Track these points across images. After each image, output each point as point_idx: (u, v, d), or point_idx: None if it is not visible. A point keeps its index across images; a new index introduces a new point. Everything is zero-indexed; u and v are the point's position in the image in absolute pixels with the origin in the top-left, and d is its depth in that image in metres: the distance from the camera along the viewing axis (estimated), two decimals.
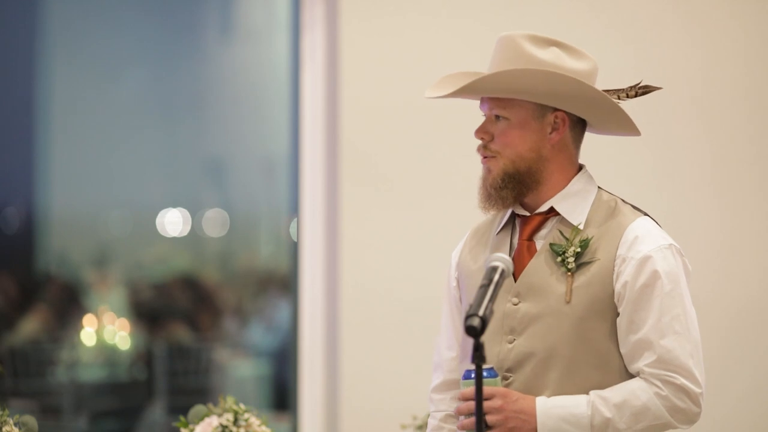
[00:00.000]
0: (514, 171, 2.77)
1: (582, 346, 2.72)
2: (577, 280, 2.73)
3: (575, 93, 2.75)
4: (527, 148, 2.77)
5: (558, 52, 2.77)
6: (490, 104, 2.80)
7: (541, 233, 2.80)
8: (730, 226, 5.03)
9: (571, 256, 2.74)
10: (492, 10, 5.05)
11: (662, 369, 2.70)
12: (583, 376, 2.73)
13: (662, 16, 5.07)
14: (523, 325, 2.76)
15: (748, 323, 5.00)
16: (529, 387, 2.74)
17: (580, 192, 2.81)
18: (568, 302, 2.72)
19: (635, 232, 2.75)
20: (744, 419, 4.98)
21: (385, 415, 4.50)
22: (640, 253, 2.72)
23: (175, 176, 10.23)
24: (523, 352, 2.75)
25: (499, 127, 2.78)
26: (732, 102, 5.06)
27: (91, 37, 9.86)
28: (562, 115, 2.79)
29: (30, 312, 9.05)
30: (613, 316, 2.73)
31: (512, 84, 2.73)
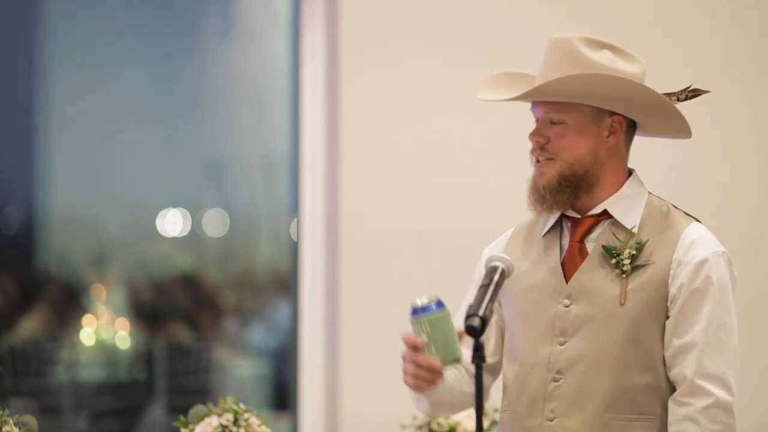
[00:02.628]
0: (570, 174, 2.77)
1: (634, 348, 2.73)
2: (631, 282, 2.73)
3: (636, 97, 2.75)
4: (585, 152, 2.77)
5: (611, 55, 2.79)
6: (546, 108, 2.79)
7: (592, 236, 2.81)
8: (729, 225, 5.03)
9: (627, 258, 2.74)
10: (492, 11, 5.05)
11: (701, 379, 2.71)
12: (633, 378, 2.73)
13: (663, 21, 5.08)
14: (575, 327, 2.75)
15: (748, 323, 5.00)
16: (579, 389, 2.74)
17: (632, 196, 2.82)
18: (623, 304, 2.73)
19: (692, 236, 2.77)
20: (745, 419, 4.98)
21: (385, 415, 4.50)
22: (697, 258, 2.73)
23: (175, 176, 10.23)
24: (575, 354, 2.75)
25: (556, 131, 2.78)
26: (731, 101, 5.06)
27: (91, 37, 9.86)
28: (619, 119, 2.80)
29: (30, 312, 9.06)
30: (664, 320, 2.74)
31: (577, 88, 2.73)
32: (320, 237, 5.09)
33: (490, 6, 5.05)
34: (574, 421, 2.74)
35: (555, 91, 2.75)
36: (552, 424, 2.75)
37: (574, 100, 2.76)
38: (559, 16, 5.02)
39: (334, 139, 5.04)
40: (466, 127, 5.02)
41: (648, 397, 2.74)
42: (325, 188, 5.07)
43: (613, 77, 2.73)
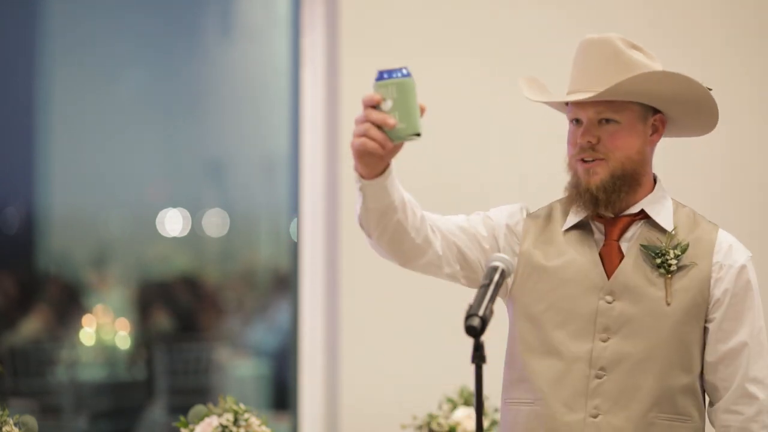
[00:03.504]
0: (622, 173, 2.78)
1: (677, 348, 2.75)
2: (675, 283, 2.76)
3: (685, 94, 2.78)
4: (635, 151, 2.79)
5: (642, 56, 2.81)
6: (598, 108, 2.78)
7: (627, 235, 2.82)
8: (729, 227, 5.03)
9: (673, 258, 2.76)
10: (492, 11, 5.04)
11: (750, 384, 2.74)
12: (676, 378, 2.75)
13: (663, 22, 5.08)
14: (619, 324, 2.76)
15: None
16: (622, 387, 2.74)
17: (662, 198, 2.86)
18: (669, 304, 2.75)
19: (727, 240, 2.83)
20: None
21: (385, 415, 4.50)
22: (738, 262, 2.79)
23: (175, 176, 10.22)
24: (620, 352, 2.75)
25: (608, 130, 2.78)
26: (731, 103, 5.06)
27: (91, 37, 9.85)
28: (661, 117, 2.83)
29: (30, 312, 9.05)
30: (703, 321, 2.77)
31: (639, 87, 2.74)
32: (320, 237, 5.09)
33: (491, 6, 5.05)
34: (620, 418, 2.74)
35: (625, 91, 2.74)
36: (596, 420, 2.75)
37: (633, 98, 2.77)
38: (560, 15, 5.02)
39: (334, 139, 5.04)
40: (466, 127, 5.01)
41: (686, 398, 2.77)
42: (325, 188, 5.07)
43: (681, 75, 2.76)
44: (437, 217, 2.83)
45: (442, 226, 2.81)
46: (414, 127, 2.48)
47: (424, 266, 2.81)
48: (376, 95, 2.49)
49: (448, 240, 2.81)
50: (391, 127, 2.48)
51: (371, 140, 2.50)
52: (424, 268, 2.82)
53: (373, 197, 2.61)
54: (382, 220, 2.65)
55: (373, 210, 2.63)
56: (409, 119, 2.48)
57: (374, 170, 2.57)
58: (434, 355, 4.86)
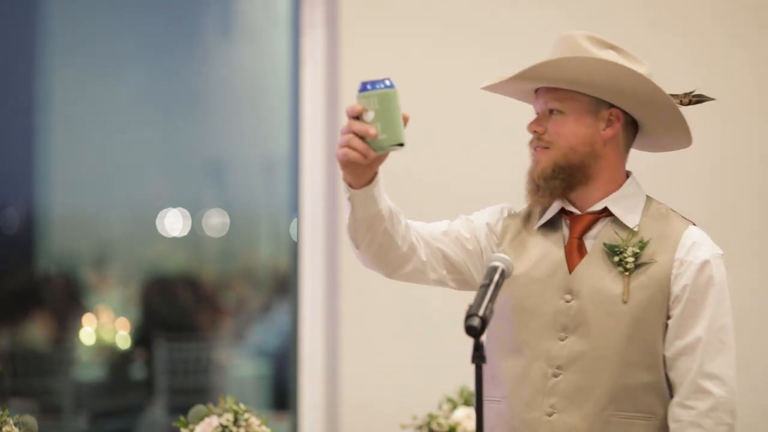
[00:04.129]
0: (565, 163, 2.79)
1: (635, 346, 2.74)
2: (634, 280, 2.76)
3: (634, 89, 2.77)
4: (580, 142, 2.79)
5: (615, 55, 2.80)
6: (545, 98, 2.81)
7: (591, 233, 2.82)
8: (729, 226, 5.03)
9: (630, 256, 2.76)
10: (493, 11, 5.05)
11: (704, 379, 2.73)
12: (634, 376, 2.75)
13: (664, 22, 5.08)
14: (576, 323, 2.77)
15: (748, 325, 5.00)
16: (580, 385, 2.75)
17: (632, 196, 2.85)
18: (626, 302, 2.75)
19: (692, 237, 2.80)
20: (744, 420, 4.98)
21: (385, 415, 4.50)
22: (699, 258, 2.77)
23: (175, 176, 10.22)
24: (577, 350, 2.76)
25: (554, 120, 2.80)
26: (731, 104, 5.06)
27: (91, 37, 9.85)
28: (617, 112, 2.81)
29: (30, 312, 9.05)
30: (665, 319, 2.76)
31: (573, 73, 2.75)
32: (320, 237, 5.09)
33: (491, 6, 5.04)
34: (574, 417, 2.75)
35: (550, 75, 2.77)
36: (551, 419, 2.76)
37: (570, 86, 2.77)
38: (560, 15, 5.02)
39: (334, 139, 5.04)
40: (466, 126, 5.01)
41: (648, 395, 2.76)
42: (325, 188, 5.07)
43: (611, 64, 2.75)
44: (420, 224, 2.86)
45: (424, 233, 2.84)
46: (396, 137, 2.51)
47: (410, 274, 2.83)
48: (358, 106, 2.52)
49: (432, 246, 2.84)
50: (372, 137, 2.51)
51: (353, 150, 2.52)
52: (410, 276, 2.84)
53: (361, 206, 2.64)
54: (371, 229, 2.69)
55: (361, 219, 2.67)
56: (392, 130, 2.51)
57: (362, 179, 2.60)
58: (434, 355, 4.86)
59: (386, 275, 2.85)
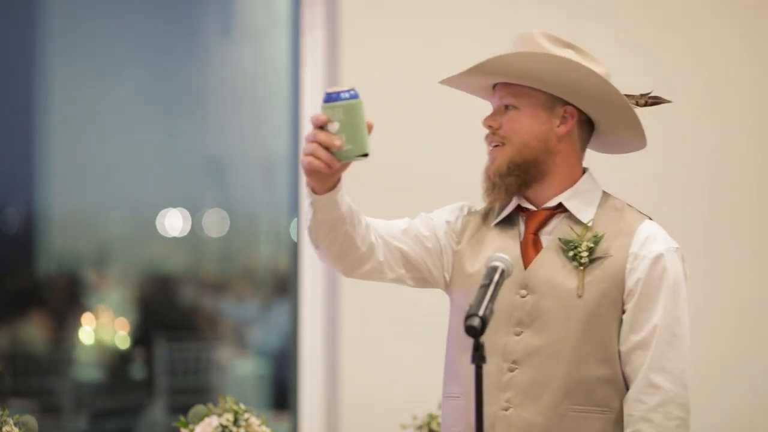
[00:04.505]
0: (520, 160, 2.80)
1: (590, 340, 2.75)
2: (588, 275, 2.76)
3: (588, 86, 2.78)
4: (534, 137, 2.81)
5: (573, 54, 2.81)
6: (500, 93, 2.83)
7: (547, 228, 2.84)
8: (729, 225, 5.03)
9: (585, 251, 2.77)
10: (492, 11, 5.05)
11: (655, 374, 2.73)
12: (590, 370, 2.75)
13: (659, 19, 5.08)
14: (532, 318, 2.78)
15: (747, 326, 5.00)
16: (535, 380, 2.76)
17: (587, 192, 2.86)
18: (580, 297, 2.75)
19: (646, 232, 2.80)
20: (744, 420, 4.98)
21: (385, 415, 4.50)
22: (653, 252, 2.77)
23: (175, 176, 10.23)
24: (532, 345, 2.77)
25: (508, 115, 2.82)
26: (730, 106, 5.06)
27: (91, 37, 9.85)
28: (571, 110, 2.82)
29: (30, 312, 9.05)
30: (620, 313, 2.77)
31: (526, 68, 2.76)
32: None
33: (491, 7, 5.05)
34: (530, 411, 2.76)
35: (503, 69, 2.79)
36: (507, 413, 2.77)
37: (524, 81, 2.79)
38: (560, 15, 5.02)
39: None
40: (466, 126, 5.01)
41: (604, 389, 2.76)
42: None
43: (565, 60, 2.76)
44: (380, 223, 2.88)
45: (384, 232, 2.85)
46: (360, 148, 2.53)
47: (368, 273, 2.85)
48: (322, 116, 2.55)
49: (390, 245, 2.85)
50: (337, 148, 2.53)
51: (318, 160, 2.55)
52: (367, 275, 2.85)
53: (323, 210, 2.66)
54: (332, 231, 2.71)
55: (322, 222, 2.69)
56: (356, 141, 2.53)
57: (325, 185, 2.62)
58: (434, 355, 4.85)
59: (344, 274, 2.86)
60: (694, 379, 4.99)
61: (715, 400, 4.91)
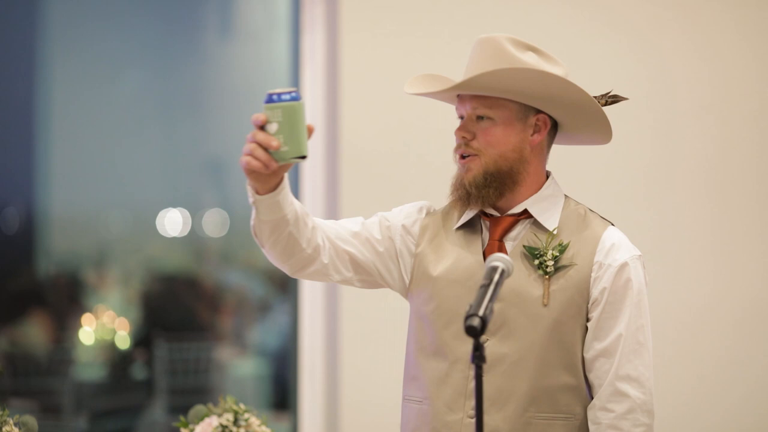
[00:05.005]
0: (495, 170, 2.80)
1: (555, 348, 2.76)
2: (553, 283, 2.77)
3: (564, 95, 2.78)
4: (510, 149, 2.81)
5: (535, 57, 2.82)
6: (473, 104, 2.82)
7: (511, 234, 2.84)
8: (729, 225, 5.03)
9: (550, 259, 2.77)
10: (491, 11, 5.04)
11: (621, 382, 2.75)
12: (554, 377, 2.76)
13: (662, 20, 5.08)
14: (497, 326, 2.78)
15: (748, 326, 5.00)
16: (500, 388, 2.76)
17: (550, 197, 2.86)
18: (546, 305, 2.76)
19: (611, 240, 2.81)
20: (744, 421, 4.98)
21: (385, 416, 4.50)
22: (618, 261, 2.78)
23: (175, 176, 10.22)
24: (497, 353, 2.77)
25: (482, 127, 2.82)
26: (731, 103, 5.06)
27: (91, 37, 9.85)
28: (544, 118, 2.83)
29: (30, 312, 9.05)
30: (585, 321, 2.78)
31: (507, 83, 2.75)
32: None
33: (492, 6, 5.05)
34: (495, 419, 2.76)
35: (485, 85, 2.77)
36: (473, 421, 2.77)
37: (504, 95, 2.78)
38: (562, 14, 5.02)
39: (334, 139, 5.04)
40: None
41: (568, 396, 2.78)
42: (325, 188, 5.07)
43: (545, 73, 2.75)
44: (329, 225, 2.87)
45: (332, 234, 2.85)
46: (298, 150, 2.55)
47: (312, 274, 2.85)
48: (261, 116, 2.55)
49: (338, 248, 2.85)
50: (274, 149, 2.54)
51: (255, 160, 2.56)
52: (312, 276, 2.85)
53: (265, 211, 2.66)
54: (275, 232, 2.70)
55: (266, 222, 2.69)
56: (293, 142, 2.54)
57: (266, 186, 2.62)
58: None
59: (290, 274, 2.85)
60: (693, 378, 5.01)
61: (714, 403, 4.91)
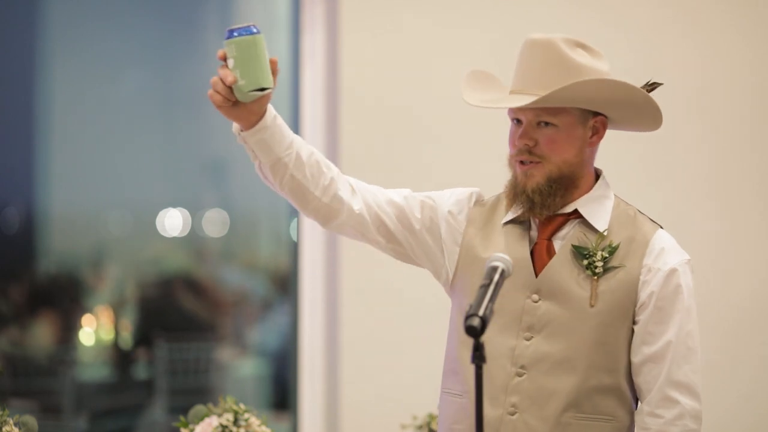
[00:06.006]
0: (558, 176, 2.78)
1: (599, 350, 2.75)
2: (602, 284, 2.76)
3: (626, 98, 2.77)
4: (573, 154, 2.79)
5: (585, 54, 2.80)
6: (535, 111, 2.78)
7: (560, 234, 2.82)
8: (729, 225, 5.03)
9: (600, 260, 2.76)
10: (491, 10, 5.05)
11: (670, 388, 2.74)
12: (597, 380, 2.75)
13: (661, 17, 5.08)
14: (543, 324, 2.77)
15: (747, 323, 5.00)
16: (540, 386, 2.75)
17: (601, 197, 2.84)
18: (593, 306, 2.75)
19: (661, 243, 2.80)
20: (744, 419, 4.98)
21: (385, 415, 4.50)
22: (667, 265, 2.77)
23: (175, 176, 10.22)
24: (541, 351, 2.76)
25: (545, 133, 2.78)
26: (731, 101, 5.06)
27: (91, 37, 9.85)
28: (602, 120, 2.82)
29: (30, 312, 9.05)
30: (631, 324, 2.77)
31: (576, 94, 2.74)
32: (320, 237, 5.09)
33: (493, 5, 5.05)
34: (535, 417, 2.75)
35: (563, 98, 2.74)
36: (513, 418, 2.76)
37: (572, 104, 2.77)
38: (563, 13, 5.02)
39: (334, 138, 5.04)
40: (466, 126, 5.02)
41: (610, 399, 2.77)
42: None
43: (616, 82, 2.74)
44: (369, 187, 2.89)
45: (368, 196, 2.87)
46: (255, 82, 2.62)
47: (343, 229, 2.87)
48: (220, 52, 2.64)
49: (371, 210, 2.87)
50: (230, 83, 2.62)
51: (216, 94, 2.65)
52: (345, 231, 2.88)
53: (257, 150, 2.75)
54: (276, 174, 2.77)
55: (264, 164, 2.77)
56: (250, 76, 2.62)
57: (246, 122, 2.70)
58: (434, 355, 4.86)
59: (322, 227, 2.89)
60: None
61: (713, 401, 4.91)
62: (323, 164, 2.79)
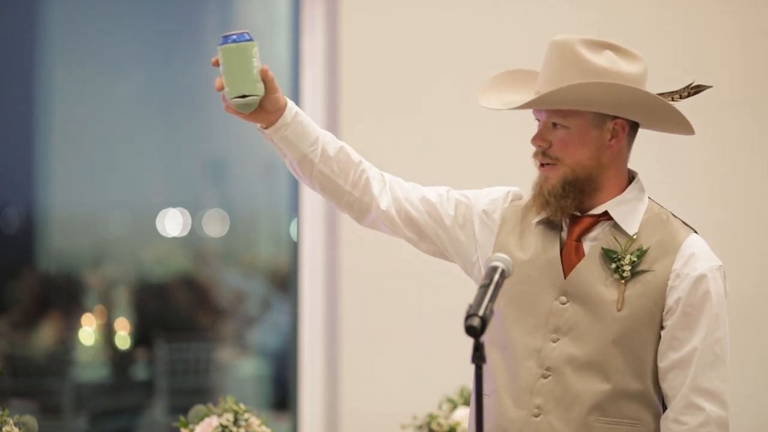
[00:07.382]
0: (573, 178, 2.77)
1: (626, 354, 2.73)
2: (629, 288, 2.74)
3: (638, 102, 2.75)
4: (587, 156, 2.77)
5: (612, 56, 2.77)
6: (548, 113, 2.78)
7: (590, 235, 2.81)
8: (729, 224, 5.03)
9: (628, 264, 2.74)
10: (493, 8, 5.04)
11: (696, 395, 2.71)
12: (623, 384, 2.74)
13: (661, 17, 5.08)
14: (569, 326, 2.76)
15: (747, 321, 5.00)
16: (567, 389, 2.74)
17: (633, 200, 2.82)
18: (619, 310, 2.73)
19: (691, 248, 2.77)
20: (744, 419, 4.98)
21: (385, 415, 4.50)
22: (696, 271, 2.74)
23: (175, 176, 10.22)
24: (567, 354, 2.75)
25: (558, 135, 2.77)
26: (731, 101, 5.06)
27: (91, 37, 9.85)
28: (621, 123, 2.79)
29: (30, 312, 9.05)
30: (658, 329, 2.75)
31: (579, 96, 2.72)
32: (320, 237, 5.09)
33: (494, 6, 5.05)
34: (559, 420, 2.74)
35: (557, 100, 2.73)
36: (537, 420, 2.76)
37: (577, 107, 2.75)
38: (565, 13, 5.02)
39: None
40: (466, 126, 5.02)
41: (635, 403, 2.75)
42: None
43: (614, 85, 2.72)
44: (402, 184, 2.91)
45: (399, 192, 2.90)
46: (236, 90, 2.68)
47: (374, 223, 2.90)
48: (214, 59, 2.72)
49: (401, 205, 2.88)
50: (216, 89, 2.71)
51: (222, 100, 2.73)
52: (378, 227, 2.90)
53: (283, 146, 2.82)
54: (304, 169, 2.83)
55: (291, 160, 2.83)
56: (233, 83, 2.68)
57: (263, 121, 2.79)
58: (434, 355, 4.86)
59: (356, 220, 2.92)
60: None
61: None
62: (353, 159, 2.84)
